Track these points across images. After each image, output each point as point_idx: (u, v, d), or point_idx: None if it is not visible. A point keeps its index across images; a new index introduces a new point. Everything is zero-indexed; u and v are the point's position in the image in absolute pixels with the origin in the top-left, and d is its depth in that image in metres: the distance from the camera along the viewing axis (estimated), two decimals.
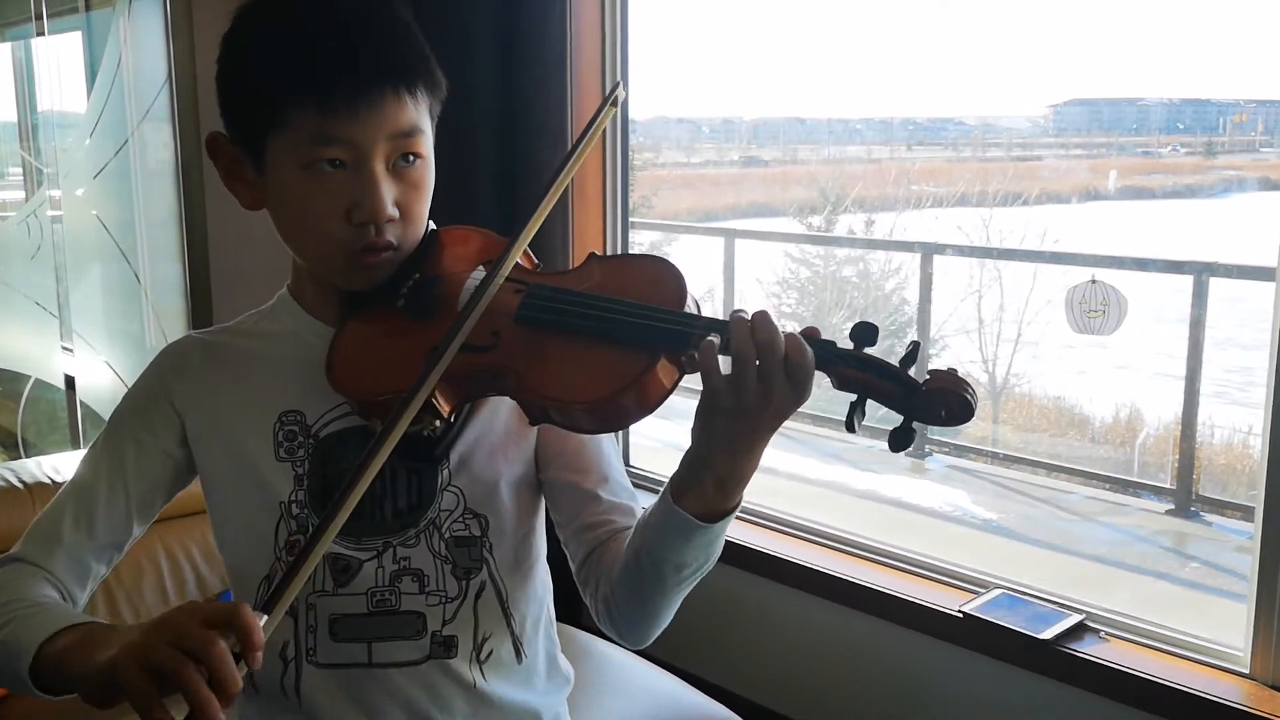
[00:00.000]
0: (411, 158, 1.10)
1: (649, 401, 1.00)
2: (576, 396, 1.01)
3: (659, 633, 1.17)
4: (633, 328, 1.01)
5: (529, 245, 1.17)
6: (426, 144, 1.11)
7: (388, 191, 1.08)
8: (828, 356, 0.96)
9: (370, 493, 1.14)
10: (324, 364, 1.12)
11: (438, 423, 1.08)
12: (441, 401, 1.07)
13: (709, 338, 0.95)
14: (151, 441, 1.20)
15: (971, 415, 0.93)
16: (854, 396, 0.97)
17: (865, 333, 0.97)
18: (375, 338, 1.13)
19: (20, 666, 1.02)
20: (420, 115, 1.10)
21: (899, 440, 0.96)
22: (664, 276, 1.07)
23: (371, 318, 1.14)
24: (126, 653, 0.87)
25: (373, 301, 1.14)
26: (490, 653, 1.20)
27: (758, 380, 0.93)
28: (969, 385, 0.94)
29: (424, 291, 1.12)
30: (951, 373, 0.95)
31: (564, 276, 1.12)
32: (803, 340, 0.95)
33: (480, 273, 1.12)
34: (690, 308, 1.03)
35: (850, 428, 0.96)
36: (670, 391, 1.01)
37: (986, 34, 4.74)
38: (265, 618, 0.89)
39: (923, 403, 0.94)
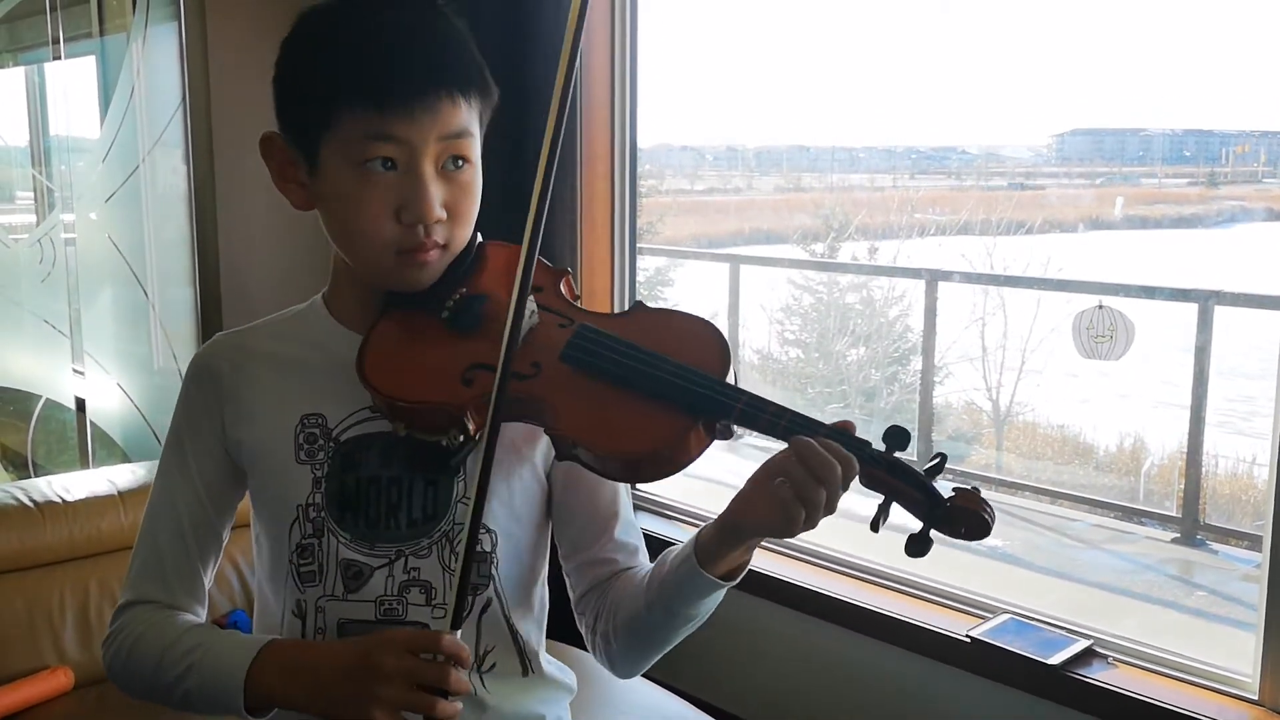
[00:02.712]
0: (460, 161, 1.12)
1: (679, 463, 1.05)
2: (611, 446, 1.05)
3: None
4: (677, 389, 1.04)
5: (570, 272, 1.20)
6: (475, 149, 1.14)
7: (436, 193, 1.10)
8: (864, 458, 1.01)
9: (386, 500, 1.17)
10: (349, 369, 1.13)
11: (461, 437, 1.10)
12: (472, 420, 1.09)
13: (808, 439, 1.00)
14: (205, 451, 1.23)
15: (988, 535, 1.00)
16: (880, 497, 1.02)
17: (898, 437, 1.02)
18: (412, 341, 1.14)
19: (235, 704, 1.11)
20: (471, 120, 1.12)
21: (917, 547, 1.01)
22: (710, 340, 1.11)
23: (410, 320, 1.15)
24: (376, 707, 1.02)
25: (413, 304, 1.15)
26: (494, 665, 1.21)
27: (824, 507, 1.01)
28: (989, 507, 1.00)
29: (469, 309, 1.14)
30: (975, 492, 1.01)
31: (610, 321, 1.14)
32: (847, 453, 1.00)
33: (530, 304, 1.14)
34: (731, 375, 1.08)
35: (875, 528, 1.02)
36: (698, 457, 1.05)
37: (990, 64, 4.78)
38: (457, 633, 1.04)
39: (945, 516, 1.00)
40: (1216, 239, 5.30)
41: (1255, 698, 1.91)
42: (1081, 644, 2.08)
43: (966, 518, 1.00)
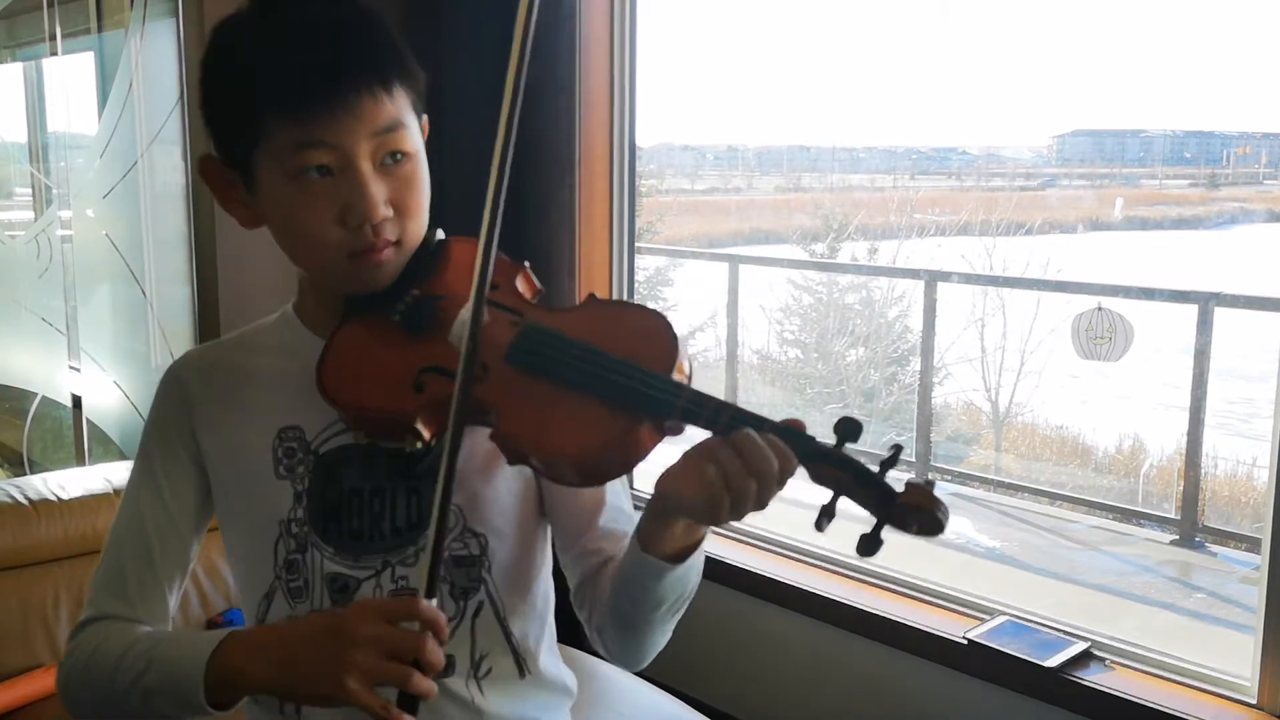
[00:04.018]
0: (398, 155, 1.09)
1: (629, 462, 1.01)
2: (555, 449, 1.01)
3: (655, 655, 1.20)
4: (620, 389, 1.00)
5: (530, 267, 1.17)
6: (412, 138, 1.10)
7: (378, 191, 1.07)
8: (808, 453, 0.96)
9: (369, 511, 1.15)
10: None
11: (418, 444, 1.08)
12: (424, 427, 1.06)
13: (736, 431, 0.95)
14: (177, 466, 1.20)
15: (942, 532, 0.95)
16: (828, 494, 0.97)
17: (848, 429, 0.97)
18: (368, 348, 1.12)
19: (196, 695, 1.05)
20: (401, 110, 1.09)
21: (868, 546, 0.96)
22: (659, 334, 1.06)
23: (366, 326, 1.13)
24: (348, 675, 0.96)
25: (369, 309, 1.13)
26: (489, 670, 1.19)
27: (755, 499, 0.96)
28: (942, 504, 0.94)
29: (423, 309, 1.11)
30: (928, 487, 0.95)
31: (561, 316, 1.11)
32: (786, 448, 0.96)
33: None
34: (683, 367, 1.04)
35: (819, 528, 0.97)
36: (648, 454, 1.02)
37: (990, 64, 4.78)
38: (434, 601, 0.99)
39: (897, 513, 0.95)
40: (1216, 240, 5.29)
41: (1254, 701, 1.90)
42: (1079, 646, 2.08)
43: (918, 515, 0.94)
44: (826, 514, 0.97)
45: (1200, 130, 5.14)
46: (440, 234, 1.18)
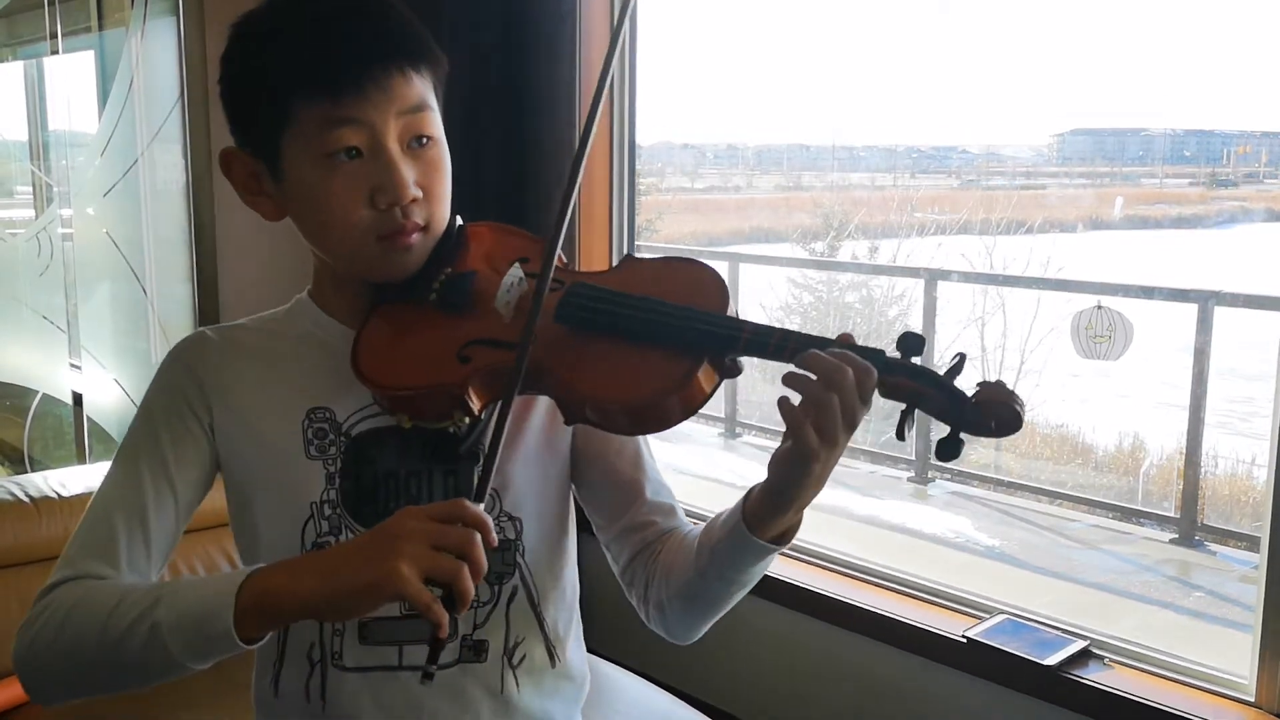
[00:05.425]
0: (424, 138, 1.10)
1: (691, 405, 1.01)
2: (618, 397, 1.02)
3: None
4: (676, 330, 1.01)
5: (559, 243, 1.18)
6: (437, 123, 1.12)
7: (408, 171, 1.08)
8: (880, 365, 0.96)
9: (406, 494, 1.15)
10: (348, 360, 1.10)
11: (465, 420, 1.08)
12: (474, 398, 1.07)
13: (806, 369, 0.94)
14: (186, 435, 1.16)
15: (1020, 427, 0.94)
16: (902, 405, 0.97)
17: (912, 342, 0.97)
18: (404, 331, 1.12)
19: (219, 624, 0.97)
20: (427, 92, 1.10)
21: (947, 450, 0.95)
22: (705, 280, 1.07)
23: (399, 311, 1.13)
24: (400, 560, 0.92)
25: (401, 295, 1.13)
26: (523, 657, 1.20)
27: (840, 415, 0.94)
28: (1018, 397, 0.94)
29: (457, 287, 1.12)
30: (1000, 384, 0.95)
31: (602, 276, 1.12)
32: (861, 359, 0.95)
33: (517, 269, 1.13)
34: (731, 312, 1.04)
35: (900, 435, 0.97)
36: (711, 395, 1.02)
37: (990, 64, 4.78)
38: (480, 506, 0.96)
39: (972, 414, 0.94)
40: (1216, 239, 5.29)
41: (1252, 699, 1.91)
42: (1078, 645, 2.08)
43: (995, 411, 0.93)
44: (907, 420, 0.97)
45: (1200, 129, 5.14)
46: (458, 220, 1.19)
